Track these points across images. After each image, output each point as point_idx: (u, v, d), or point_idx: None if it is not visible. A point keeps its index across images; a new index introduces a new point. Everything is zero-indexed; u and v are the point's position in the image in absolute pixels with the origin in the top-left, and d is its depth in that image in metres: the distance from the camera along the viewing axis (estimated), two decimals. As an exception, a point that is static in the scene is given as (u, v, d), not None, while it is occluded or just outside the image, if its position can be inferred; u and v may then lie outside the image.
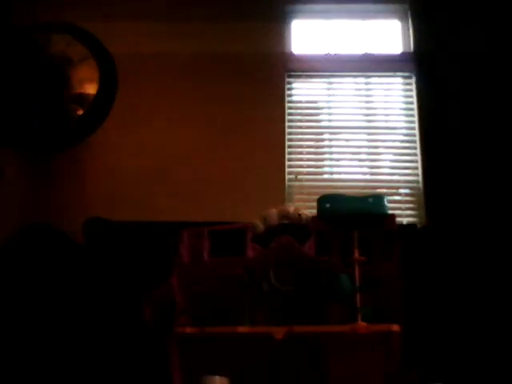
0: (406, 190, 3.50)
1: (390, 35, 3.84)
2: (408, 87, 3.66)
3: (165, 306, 2.62)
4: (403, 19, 3.79)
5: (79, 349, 2.16)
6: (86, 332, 2.24)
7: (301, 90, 3.78)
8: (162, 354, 2.48)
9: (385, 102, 3.77)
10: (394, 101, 3.76)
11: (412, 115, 3.57)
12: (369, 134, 3.69)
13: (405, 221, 3.33)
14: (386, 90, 3.78)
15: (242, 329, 2.44)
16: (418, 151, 3.46)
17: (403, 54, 3.72)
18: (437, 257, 1.09)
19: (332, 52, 3.79)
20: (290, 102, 3.66)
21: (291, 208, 2.88)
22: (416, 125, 3.51)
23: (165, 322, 2.56)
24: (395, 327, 2.28)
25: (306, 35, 3.85)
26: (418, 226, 3.21)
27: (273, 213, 2.82)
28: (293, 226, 2.74)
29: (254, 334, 2.43)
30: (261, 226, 2.78)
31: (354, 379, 2.29)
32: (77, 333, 2.19)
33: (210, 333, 2.44)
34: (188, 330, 2.50)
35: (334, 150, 3.70)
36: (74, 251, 2.72)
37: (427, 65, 3.51)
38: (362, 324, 2.32)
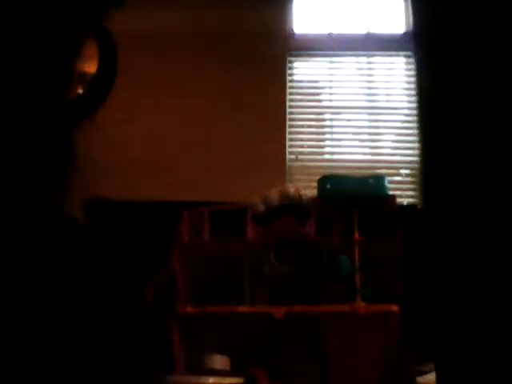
0: (407, 171, 3.50)
1: (393, 14, 3.80)
2: (410, 67, 3.63)
3: (166, 286, 2.64)
4: (406, -2, 3.76)
5: (80, 333, 2.18)
6: (87, 316, 2.26)
7: (302, 70, 3.76)
8: (164, 333, 2.50)
9: (387, 81, 3.75)
10: (396, 81, 3.74)
11: (414, 95, 3.55)
12: (370, 114, 3.68)
13: (405, 201, 3.33)
14: (388, 69, 3.75)
15: (242, 308, 2.46)
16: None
17: (406, 33, 3.69)
18: (435, 237, 1.09)
19: (334, 31, 3.76)
20: (291, 81, 3.64)
21: (292, 189, 2.88)
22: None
23: (166, 302, 2.58)
24: (394, 307, 2.30)
25: (308, 14, 3.81)
26: (419, 206, 3.22)
27: (273, 193, 2.82)
28: (293, 207, 2.74)
29: (255, 313, 2.45)
30: (261, 207, 2.78)
31: (354, 358, 2.31)
32: (78, 319, 2.21)
33: (210, 313, 2.46)
34: (189, 309, 2.53)
35: (335, 130, 3.69)
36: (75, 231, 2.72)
37: (426, 45, 3.48)
38: (361, 304, 2.34)
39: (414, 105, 3.54)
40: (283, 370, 2.32)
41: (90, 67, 3.31)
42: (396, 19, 3.79)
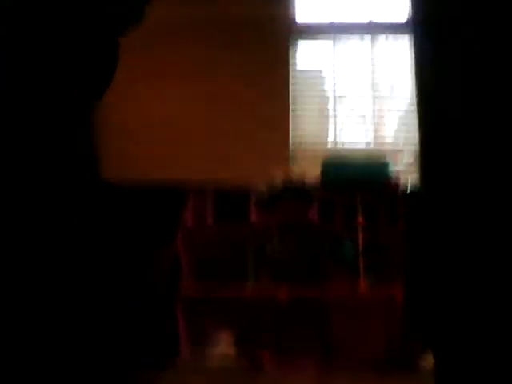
0: (411, 155, 3.50)
1: (396, 1, 3.78)
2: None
3: (171, 268, 2.66)
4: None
5: (88, 315, 2.21)
6: (95, 296, 2.28)
7: (306, 53, 3.74)
8: (170, 314, 2.53)
9: (390, 66, 3.74)
10: (400, 65, 3.73)
11: (413, 79, 3.53)
12: (373, 98, 3.68)
13: (409, 186, 3.34)
14: (391, 53, 3.74)
15: (246, 291, 2.49)
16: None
17: (409, 20, 3.67)
18: (436, 220, 1.10)
19: (338, 18, 3.74)
20: (294, 66, 3.63)
21: (295, 173, 2.90)
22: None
23: (171, 284, 2.61)
24: (397, 291, 2.33)
25: (312, 1, 3.79)
26: (418, 190, 3.21)
27: (277, 178, 2.84)
28: (296, 191, 2.76)
29: (258, 296, 2.48)
30: (265, 191, 2.80)
31: (356, 340, 2.35)
32: (86, 300, 2.23)
33: (215, 295, 2.49)
34: (194, 292, 2.56)
35: (338, 114, 3.69)
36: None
37: (425, 30, 3.45)
38: (364, 287, 2.36)
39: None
40: (287, 350, 2.36)
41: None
42: (399, 6, 3.77)
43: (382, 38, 3.70)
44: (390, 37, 3.70)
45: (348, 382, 1.90)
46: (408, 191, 3.15)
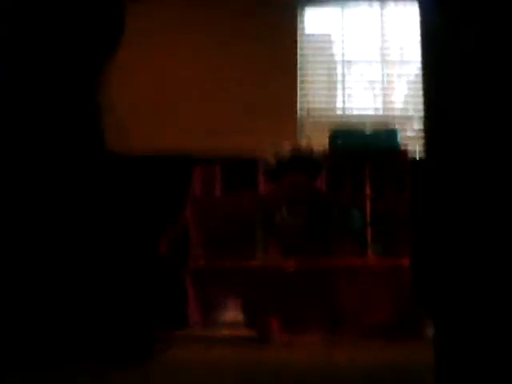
0: (421, 121, 3.46)
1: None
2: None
3: (179, 240, 2.68)
4: None
5: (98, 286, 2.25)
6: (105, 269, 2.31)
7: (314, 21, 3.68)
8: (179, 285, 2.56)
9: (400, 32, 3.67)
10: (410, 32, 3.66)
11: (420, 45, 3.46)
12: (383, 65, 3.62)
13: (418, 155, 3.32)
14: (401, 20, 3.67)
15: (254, 262, 2.51)
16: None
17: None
18: (440, 188, 1.09)
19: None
20: (302, 33, 3.58)
21: (303, 143, 2.88)
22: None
23: (180, 255, 2.63)
24: (404, 261, 2.33)
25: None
26: (423, 158, 3.18)
27: (285, 148, 2.83)
28: (304, 161, 2.75)
29: (267, 267, 2.50)
30: (273, 161, 2.79)
31: (364, 310, 2.37)
32: (96, 272, 2.27)
33: (223, 266, 2.51)
34: (202, 263, 2.58)
35: (347, 83, 3.64)
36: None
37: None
38: (372, 258, 2.37)
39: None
40: (295, 321, 2.38)
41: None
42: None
43: (391, 3, 3.63)
44: (400, 2, 3.62)
45: (355, 350, 1.92)
46: (417, 158, 3.12)
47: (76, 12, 2.56)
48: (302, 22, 3.59)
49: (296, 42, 3.50)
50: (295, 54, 3.48)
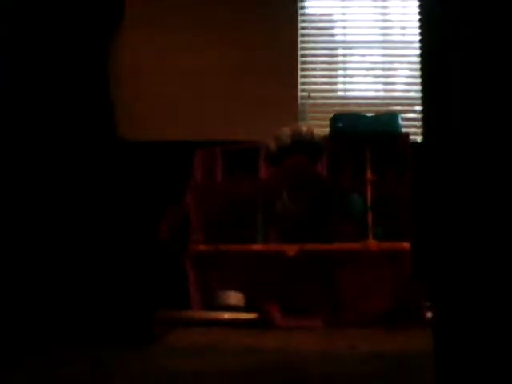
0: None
1: None
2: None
3: (180, 224, 2.68)
4: None
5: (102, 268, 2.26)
6: (106, 253, 2.32)
7: (314, 2, 3.65)
8: (179, 270, 2.57)
9: (402, 14, 3.63)
10: (412, 13, 3.62)
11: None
12: (384, 48, 3.59)
13: (419, 139, 3.30)
14: (403, 1, 3.63)
15: (255, 246, 2.51)
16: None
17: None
18: (439, 173, 1.08)
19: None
20: (303, 15, 3.54)
21: (304, 127, 2.86)
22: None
23: (180, 240, 2.64)
24: (405, 245, 2.33)
25: None
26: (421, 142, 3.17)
27: (286, 132, 2.81)
28: (305, 146, 2.74)
29: (268, 251, 2.50)
30: (274, 146, 2.78)
31: (365, 294, 2.37)
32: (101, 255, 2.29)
33: (224, 250, 2.52)
34: (202, 247, 2.58)
35: (348, 66, 3.62)
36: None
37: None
38: (372, 242, 2.37)
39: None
40: (296, 305, 2.39)
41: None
42: None
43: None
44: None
45: (355, 336, 1.93)
46: (418, 142, 3.11)
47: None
48: (304, 6, 3.56)
49: (297, 25, 3.47)
50: (296, 37, 3.45)
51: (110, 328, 1.87)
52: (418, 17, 1.19)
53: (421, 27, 1.16)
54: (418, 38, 1.20)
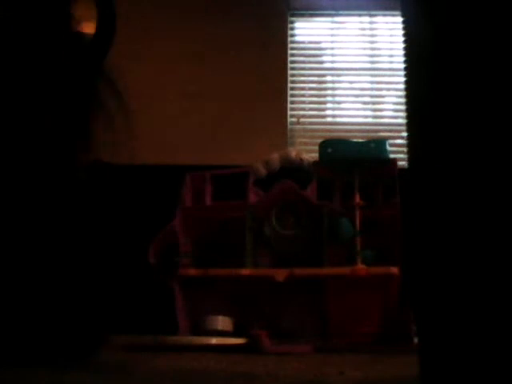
0: (409, 133, 3.48)
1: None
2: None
3: (168, 249, 2.67)
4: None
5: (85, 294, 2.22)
6: (92, 277, 2.29)
7: (304, 30, 3.71)
8: (167, 295, 2.55)
9: (389, 42, 3.70)
10: (399, 41, 3.68)
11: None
12: (372, 75, 3.65)
13: (407, 165, 3.33)
14: (390, 29, 3.70)
15: (244, 271, 2.50)
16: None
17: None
18: (427, 197, 1.09)
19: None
20: (292, 42, 3.60)
21: (293, 152, 2.88)
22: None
23: (168, 264, 2.62)
24: (394, 270, 2.33)
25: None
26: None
27: (275, 157, 2.83)
28: (294, 171, 2.76)
29: (257, 276, 2.49)
30: (263, 170, 2.79)
31: (354, 319, 2.36)
32: (84, 280, 2.25)
33: (213, 275, 2.50)
34: (191, 271, 2.56)
35: (336, 92, 3.66)
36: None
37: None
38: (361, 267, 2.37)
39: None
40: (285, 331, 2.37)
41: (88, 28, 3.27)
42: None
43: (382, 9, 3.64)
44: (391, 9, 3.64)
45: (344, 361, 1.92)
46: (406, 169, 3.14)
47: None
48: (293, 33, 3.61)
49: (286, 51, 3.52)
50: (285, 63, 3.49)
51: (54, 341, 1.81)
52: (403, 44, 1.21)
53: (404, 55, 1.18)
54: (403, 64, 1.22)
